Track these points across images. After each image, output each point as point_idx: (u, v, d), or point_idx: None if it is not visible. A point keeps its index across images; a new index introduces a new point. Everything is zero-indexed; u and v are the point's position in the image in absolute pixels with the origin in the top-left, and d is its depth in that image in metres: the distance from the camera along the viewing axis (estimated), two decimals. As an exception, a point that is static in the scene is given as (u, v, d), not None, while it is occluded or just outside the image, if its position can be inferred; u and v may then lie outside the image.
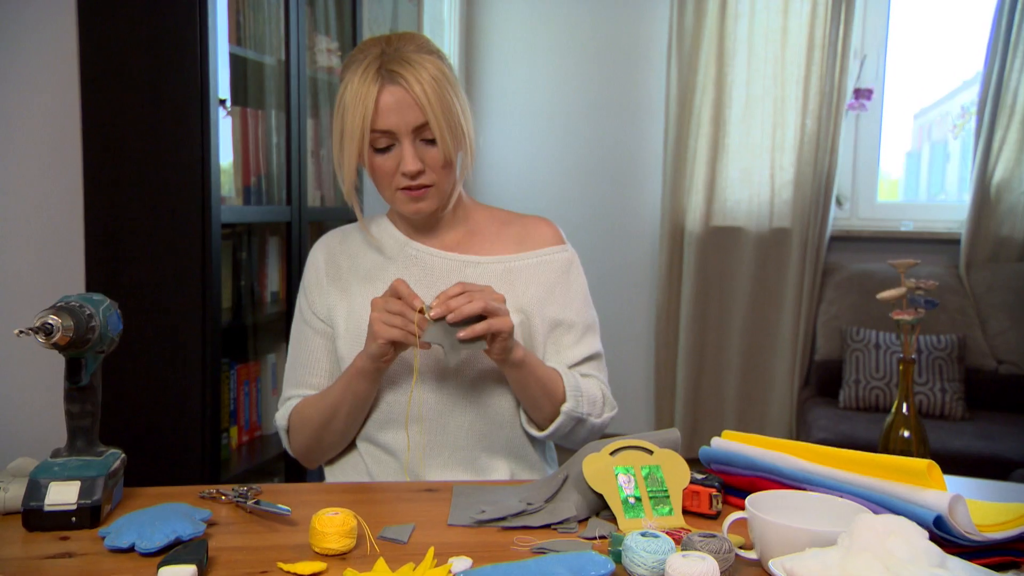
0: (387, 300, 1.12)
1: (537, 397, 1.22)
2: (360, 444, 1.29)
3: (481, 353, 1.17)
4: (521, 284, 1.29)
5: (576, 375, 1.26)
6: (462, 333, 1.10)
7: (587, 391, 1.25)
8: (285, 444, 1.34)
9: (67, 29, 1.85)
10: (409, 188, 1.20)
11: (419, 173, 1.19)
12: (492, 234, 1.33)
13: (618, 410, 1.32)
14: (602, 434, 1.27)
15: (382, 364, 1.16)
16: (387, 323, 1.11)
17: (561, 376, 1.23)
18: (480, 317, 1.10)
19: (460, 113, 1.19)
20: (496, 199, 1.45)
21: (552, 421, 1.23)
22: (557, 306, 1.30)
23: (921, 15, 3.58)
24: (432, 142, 1.18)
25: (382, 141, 1.18)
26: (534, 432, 1.26)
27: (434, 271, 1.28)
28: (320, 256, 1.34)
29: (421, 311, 1.11)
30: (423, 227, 1.31)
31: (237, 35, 2.15)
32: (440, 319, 1.10)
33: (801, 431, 3.12)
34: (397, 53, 1.17)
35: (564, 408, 1.22)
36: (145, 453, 1.78)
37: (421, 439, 1.24)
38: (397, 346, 1.14)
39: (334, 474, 1.32)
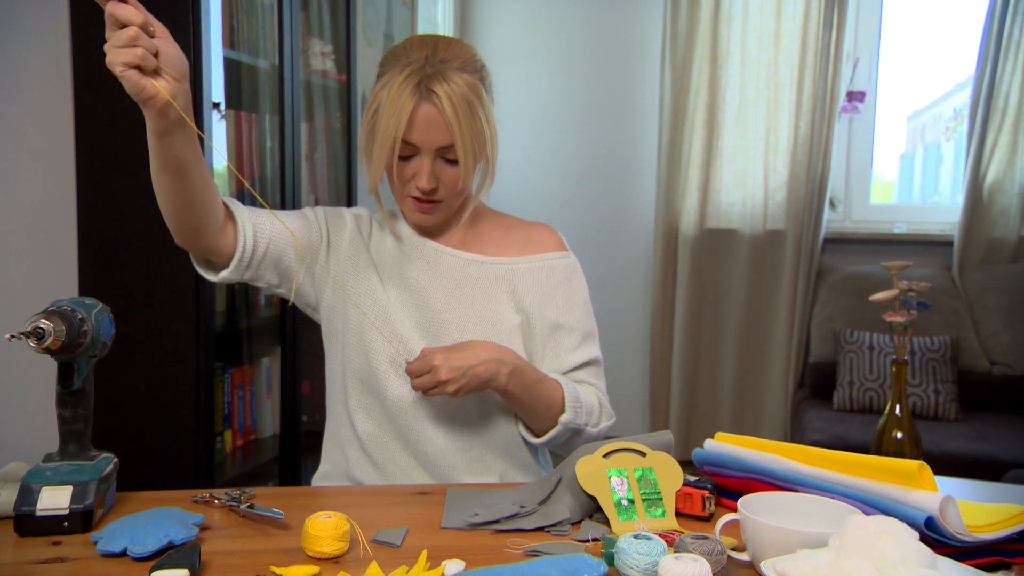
0: (113, 35, 0.92)
1: (529, 415, 1.24)
2: (348, 452, 1.29)
3: None
4: (522, 286, 1.31)
5: (575, 385, 1.27)
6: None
7: (585, 401, 1.26)
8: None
9: (60, 33, 1.85)
10: (419, 199, 1.22)
11: (432, 191, 1.21)
12: (497, 237, 1.35)
13: (615, 419, 1.32)
14: None
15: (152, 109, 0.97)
16: (125, 61, 0.92)
17: (561, 386, 1.24)
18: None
19: (487, 137, 1.20)
20: (490, 202, 1.46)
21: (549, 431, 1.24)
22: (557, 310, 1.31)
23: (913, 18, 3.59)
24: (452, 163, 1.20)
25: (405, 150, 1.19)
26: (530, 439, 1.27)
27: (440, 266, 1.30)
28: (350, 217, 1.33)
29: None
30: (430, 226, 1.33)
31: (231, 39, 2.14)
32: None
33: (795, 433, 3.12)
34: (440, 68, 1.16)
35: (562, 419, 1.23)
36: (139, 458, 1.77)
37: (412, 433, 1.25)
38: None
39: (330, 453, 1.34)
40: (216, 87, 1.96)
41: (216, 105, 1.96)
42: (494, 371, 1.16)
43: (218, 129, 2.01)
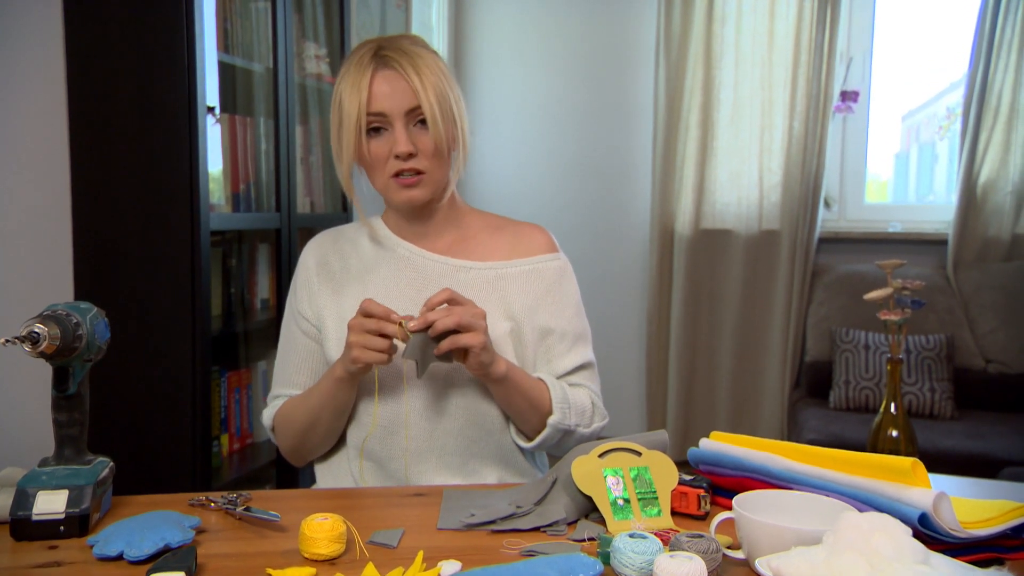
0: (362, 321, 1.12)
1: (523, 410, 1.22)
2: (350, 451, 1.29)
3: None
4: (512, 291, 1.29)
5: (564, 386, 1.26)
6: (436, 348, 1.12)
7: (575, 402, 1.25)
8: (273, 440, 1.35)
9: (54, 37, 1.85)
10: (400, 175, 1.21)
11: (410, 156, 1.20)
12: (485, 239, 1.33)
13: (609, 420, 1.32)
14: None
15: (359, 375, 1.19)
16: (366, 346, 1.12)
17: (548, 387, 1.23)
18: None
19: (453, 102, 1.22)
20: (485, 204, 1.45)
21: (539, 433, 1.23)
22: (548, 314, 1.30)
23: (906, 17, 3.60)
24: (424, 124, 1.20)
25: (375, 122, 1.20)
26: (522, 443, 1.26)
27: (426, 273, 1.29)
28: (311, 257, 1.35)
29: (400, 325, 1.12)
30: (416, 228, 1.31)
31: (225, 42, 2.15)
32: (417, 332, 1.11)
33: (792, 432, 3.13)
34: (393, 43, 1.21)
35: (550, 421, 1.22)
36: (136, 462, 1.78)
37: (409, 444, 1.24)
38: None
39: (325, 480, 1.32)
40: (211, 91, 1.96)
41: (211, 109, 1.96)
42: (496, 355, 1.17)
43: (213, 133, 2.01)
